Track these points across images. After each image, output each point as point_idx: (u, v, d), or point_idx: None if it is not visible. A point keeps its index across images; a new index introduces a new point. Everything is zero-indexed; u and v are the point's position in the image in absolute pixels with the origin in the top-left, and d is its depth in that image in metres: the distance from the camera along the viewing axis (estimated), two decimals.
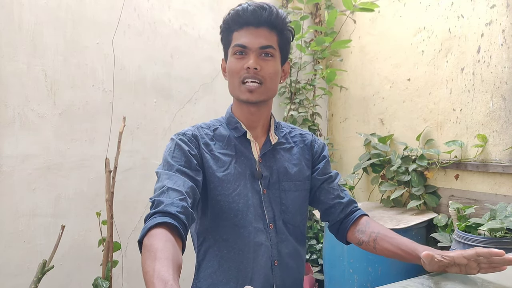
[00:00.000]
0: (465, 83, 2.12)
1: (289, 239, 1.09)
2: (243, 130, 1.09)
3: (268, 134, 1.13)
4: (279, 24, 1.05)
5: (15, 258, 1.86)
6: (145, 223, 0.85)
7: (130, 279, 2.20)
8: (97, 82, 2.08)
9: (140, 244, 0.81)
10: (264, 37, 1.03)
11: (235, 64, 1.04)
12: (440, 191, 2.24)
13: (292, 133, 1.21)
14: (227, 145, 1.09)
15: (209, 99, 2.48)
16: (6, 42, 1.82)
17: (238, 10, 1.04)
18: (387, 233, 1.06)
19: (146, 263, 0.74)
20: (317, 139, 1.24)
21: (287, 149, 1.15)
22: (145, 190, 2.25)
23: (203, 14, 2.44)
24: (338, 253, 2.13)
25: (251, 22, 1.03)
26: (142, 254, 0.77)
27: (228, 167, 1.05)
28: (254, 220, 1.04)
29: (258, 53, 1.03)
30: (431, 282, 0.88)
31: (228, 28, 1.07)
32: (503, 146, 1.95)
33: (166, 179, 0.94)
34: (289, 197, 1.10)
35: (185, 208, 0.88)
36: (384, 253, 1.05)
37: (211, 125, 1.13)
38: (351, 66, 2.85)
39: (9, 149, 1.84)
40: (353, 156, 2.80)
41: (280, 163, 1.12)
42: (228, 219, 1.03)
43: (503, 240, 1.55)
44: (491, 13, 1.99)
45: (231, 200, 1.03)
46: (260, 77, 1.02)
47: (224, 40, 1.10)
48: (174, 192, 0.91)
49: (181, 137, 1.05)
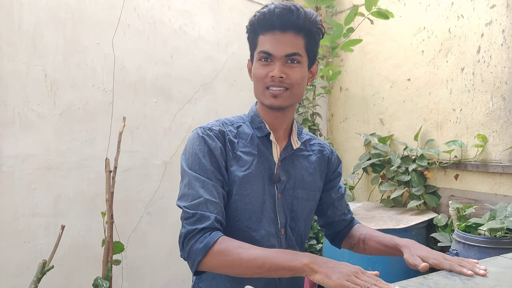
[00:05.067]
0: (465, 83, 2.12)
1: (294, 246, 1.09)
2: (266, 131, 1.07)
3: (290, 138, 1.11)
4: (306, 26, 1.00)
5: (15, 258, 1.86)
6: (189, 232, 0.92)
7: (130, 279, 2.20)
8: (97, 82, 2.08)
9: (201, 256, 0.89)
10: (290, 43, 0.98)
11: (260, 71, 1.01)
12: (440, 191, 2.24)
13: (312, 141, 1.19)
14: (250, 143, 1.06)
15: (209, 99, 2.48)
16: (6, 42, 1.82)
17: (264, 12, 0.99)
18: (372, 233, 1.18)
19: (249, 252, 0.86)
20: (335, 153, 1.23)
21: (305, 157, 1.14)
22: (145, 190, 2.25)
23: (203, 14, 2.44)
24: (338, 253, 2.12)
25: (277, 26, 0.98)
26: (230, 252, 0.88)
27: (250, 167, 1.03)
28: (267, 224, 1.03)
29: (283, 60, 0.99)
30: (431, 282, 0.88)
31: (254, 30, 1.03)
32: (503, 146, 1.95)
33: (200, 188, 0.95)
34: (300, 205, 1.09)
35: (221, 222, 0.96)
36: (372, 252, 1.16)
37: (234, 122, 1.09)
38: (351, 66, 2.84)
39: (9, 149, 1.84)
40: (353, 156, 2.80)
41: (297, 170, 1.10)
42: (242, 220, 1.02)
43: (503, 240, 1.55)
44: (491, 13, 1.99)
45: (248, 201, 1.01)
46: (286, 84, 0.99)
47: (250, 42, 1.06)
48: (212, 205, 0.94)
49: (208, 132, 1.02)
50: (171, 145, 2.33)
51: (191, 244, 0.91)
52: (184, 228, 0.93)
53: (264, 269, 0.84)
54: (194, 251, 0.90)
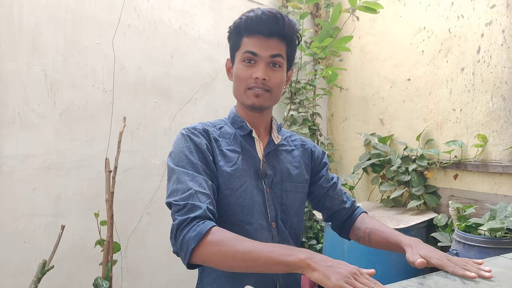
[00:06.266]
0: (465, 83, 2.12)
1: (288, 238, 1.10)
2: (248, 129, 1.11)
3: (271, 134, 1.15)
4: (289, 34, 1.05)
5: (15, 258, 1.86)
6: (181, 222, 0.89)
7: (130, 279, 2.20)
8: (97, 82, 2.08)
9: (194, 243, 0.86)
10: (274, 47, 1.03)
11: (244, 72, 1.05)
12: (440, 191, 2.24)
13: (292, 137, 1.24)
14: (233, 141, 1.09)
15: (209, 99, 2.48)
16: (6, 42, 1.82)
17: (251, 17, 1.02)
18: (378, 227, 1.18)
19: (244, 245, 0.84)
20: (316, 146, 1.28)
21: (288, 151, 1.18)
22: (145, 190, 2.25)
23: (203, 14, 2.44)
24: (338, 253, 2.13)
25: (263, 32, 1.02)
26: (224, 243, 0.85)
27: (236, 162, 1.05)
28: (259, 218, 1.05)
29: (267, 62, 1.03)
30: (431, 282, 0.88)
31: (238, 32, 1.06)
32: (503, 146, 1.95)
33: (189, 181, 0.95)
34: (290, 198, 1.12)
35: (213, 213, 0.95)
36: (377, 246, 1.17)
37: (216, 124, 1.14)
38: (351, 66, 2.84)
39: (9, 149, 1.84)
40: (353, 156, 2.80)
41: (283, 164, 1.13)
42: (235, 214, 1.03)
43: (503, 240, 1.55)
44: (491, 13, 1.99)
45: (239, 195, 1.03)
46: (267, 87, 1.04)
47: (232, 43, 1.09)
48: (203, 196, 0.94)
49: (192, 131, 1.05)
50: (171, 145, 2.32)
51: (184, 233, 0.88)
52: (176, 220, 0.91)
53: (259, 263, 0.82)
54: (186, 240, 0.87)
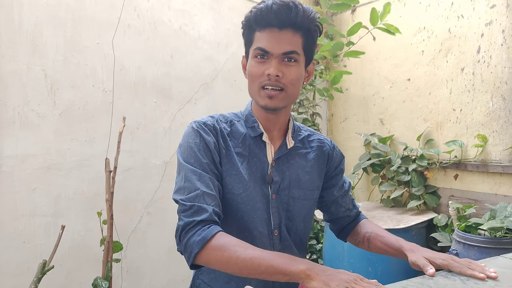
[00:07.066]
0: (465, 83, 2.12)
1: (291, 246, 1.08)
2: (259, 131, 1.05)
3: (285, 137, 1.09)
4: (305, 24, 0.96)
5: (15, 258, 1.86)
6: (187, 225, 0.90)
7: (130, 279, 2.20)
8: (97, 82, 2.08)
9: (198, 248, 0.87)
10: (288, 41, 0.95)
11: (256, 69, 0.98)
12: (440, 191, 2.24)
13: (311, 137, 1.16)
14: (242, 143, 1.04)
15: (209, 99, 2.48)
16: (6, 42, 1.82)
17: (261, 8, 0.95)
18: (378, 233, 1.16)
19: (246, 252, 0.84)
20: (336, 148, 1.20)
21: (302, 155, 1.11)
22: (145, 190, 2.25)
23: (203, 14, 2.44)
24: (338, 253, 2.13)
25: (275, 23, 0.94)
26: (227, 249, 0.85)
27: (241, 167, 1.01)
28: (259, 225, 1.02)
29: (280, 58, 0.96)
30: (431, 282, 0.88)
31: (250, 27, 0.99)
32: (503, 146, 1.95)
33: (196, 180, 0.94)
34: (297, 205, 1.07)
35: (219, 215, 0.94)
36: (377, 251, 1.15)
37: (229, 118, 1.08)
38: (351, 66, 2.84)
39: (9, 149, 1.84)
40: (353, 156, 2.80)
41: (293, 169, 1.08)
42: (234, 219, 1.01)
43: (503, 240, 1.55)
44: (491, 13, 1.99)
45: (240, 200, 1.00)
46: (282, 84, 0.96)
47: (245, 38, 1.03)
48: (209, 198, 0.93)
49: (202, 126, 1.02)
50: (171, 145, 2.33)
51: (189, 236, 0.89)
52: (182, 221, 0.91)
53: (260, 271, 0.83)
54: (191, 244, 0.88)
